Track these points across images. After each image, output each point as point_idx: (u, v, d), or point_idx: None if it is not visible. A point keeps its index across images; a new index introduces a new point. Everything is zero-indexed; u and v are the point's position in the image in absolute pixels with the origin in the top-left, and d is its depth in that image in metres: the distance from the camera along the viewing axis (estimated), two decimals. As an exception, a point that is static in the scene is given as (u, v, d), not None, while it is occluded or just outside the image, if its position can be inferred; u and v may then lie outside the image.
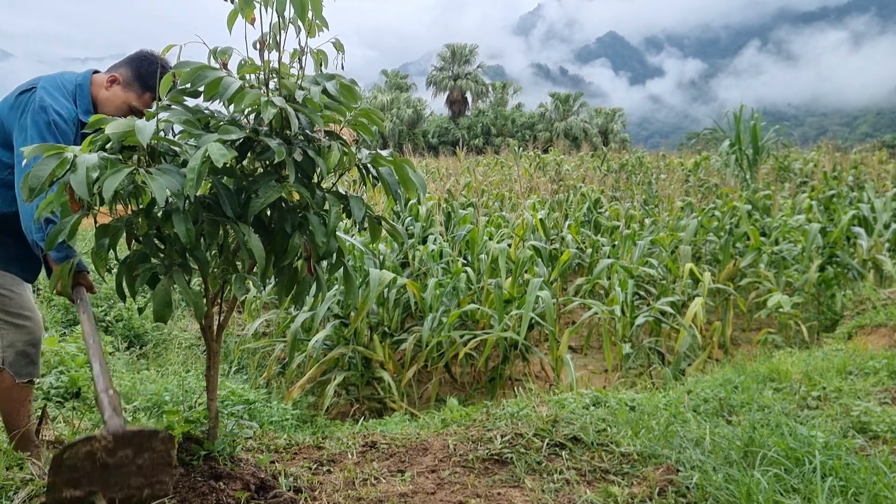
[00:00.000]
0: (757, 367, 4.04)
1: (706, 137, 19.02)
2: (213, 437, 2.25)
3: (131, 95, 2.43)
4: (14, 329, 2.43)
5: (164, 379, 4.19)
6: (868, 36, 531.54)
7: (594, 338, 6.54)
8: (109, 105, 2.43)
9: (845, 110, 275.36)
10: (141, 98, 2.43)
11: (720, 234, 7.86)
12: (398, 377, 5.05)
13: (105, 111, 2.42)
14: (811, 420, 2.95)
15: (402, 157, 2.12)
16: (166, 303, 1.77)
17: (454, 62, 51.45)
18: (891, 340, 4.93)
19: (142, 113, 2.39)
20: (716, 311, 7.01)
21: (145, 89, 2.42)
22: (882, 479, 2.09)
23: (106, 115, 2.24)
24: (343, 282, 2.42)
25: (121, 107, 2.43)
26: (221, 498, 2.05)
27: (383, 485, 2.35)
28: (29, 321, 2.47)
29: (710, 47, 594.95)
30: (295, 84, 1.93)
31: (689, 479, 2.27)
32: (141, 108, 2.42)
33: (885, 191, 9.61)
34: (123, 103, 2.43)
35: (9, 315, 2.43)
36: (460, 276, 5.74)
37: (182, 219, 1.71)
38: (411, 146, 27.46)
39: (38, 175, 1.64)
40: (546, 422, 2.81)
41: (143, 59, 2.45)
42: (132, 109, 2.44)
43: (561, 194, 9.52)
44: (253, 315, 6.58)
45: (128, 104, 2.43)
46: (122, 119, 1.75)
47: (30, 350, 2.47)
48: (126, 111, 2.43)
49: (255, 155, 1.95)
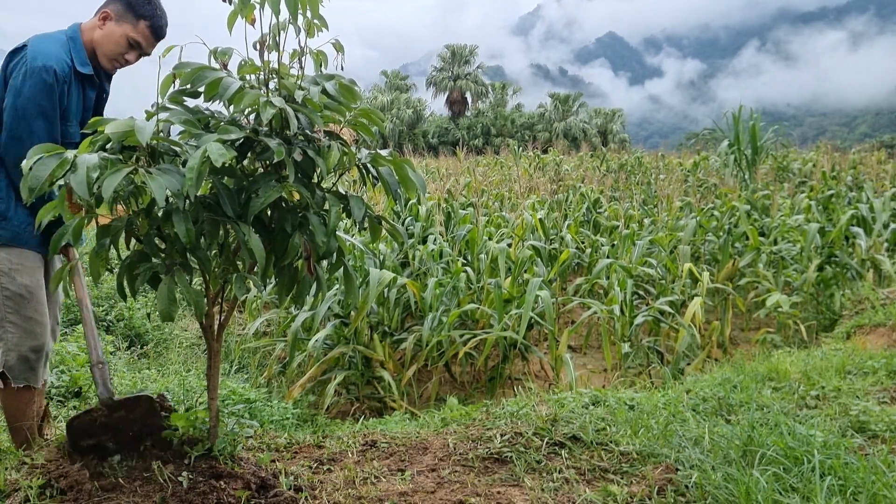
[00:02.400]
0: (756, 367, 4.05)
1: (705, 137, 19.04)
2: (214, 436, 2.26)
3: (127, 27, 2.40)
4: (22, 332, 2.43)
5: (165, 378, 4.20)
6: (867, 36, 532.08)
7: (593, 337, 6.54)
8: (108, 42, 2.40)
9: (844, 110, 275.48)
10: (136, 28, 2.40)
11: (719, 233, 7.87)
12: (398, 376, 5.05)
13: (105, 51, 2.41)
14: (810, 419, 2.96)
15: (402, 157, 2.12)
16: (171, 300, 1.77)
17: (454, 63, 51.45)
18: (889, 340, 4.94)
19: (140, 45, 2.41)
20: (715, 311, 7.02)
21: (139, 18, 2.40)
22: (881, 479, 2.10)
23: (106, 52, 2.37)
24: (343, 281, 2.43)
25: (119, 41, 2.40)
26: (222, 497, 2.06)
27: (383, 483, 2.36)
28: (38, 326, 2.46)
29: (709, 47, 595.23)
30: (294, 84, 1.94)
31: (688, 478, 2.28)
32: (140, 40, 2.41)
33: (884, 191, 9.61)
34: (121, 37, 2.40)
35: (21, 318, 2.42)
36: (460, 276, 5.75)
37: (182, 218, 1.72)
38: (411, 146, 27.49)
39: (38, 175, 1.65)
40: (545, 421, 2.81)
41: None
42: (131, 43, 2.41)
43: (560, 194, 9.52)
44: (253, 314, 6.59)
45: (125, 37, 2.40)
46: (121, 119, 1.76)
47: (31, 356, 2.46)
48: (125, 45, 2.41)
49: (254, 155, 1.95)
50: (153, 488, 2.07)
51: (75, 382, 3.68)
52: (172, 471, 2.12)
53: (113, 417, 2.21)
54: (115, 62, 2.48)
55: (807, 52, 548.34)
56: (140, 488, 2.07)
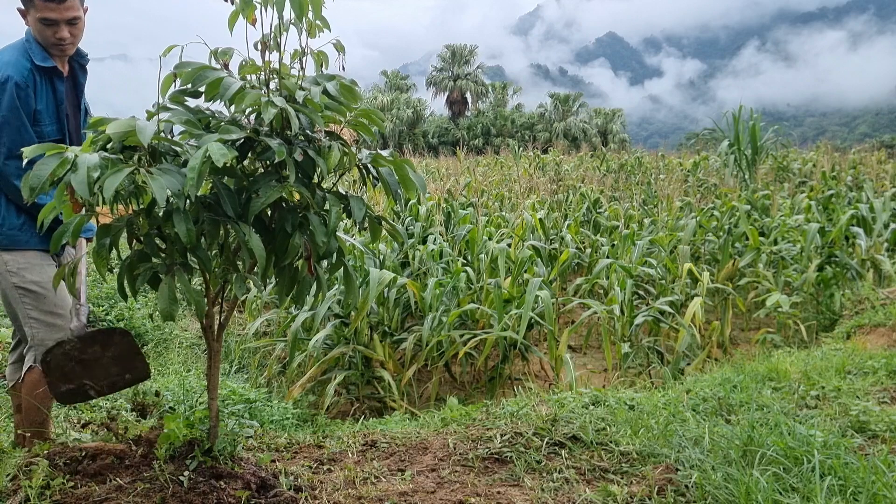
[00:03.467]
0: (756, 367, 4.05)
1: (705, 137, 19.06)
2: (214, 436, 2.25)
3: (33, 12, 2.48)
4: (46, 328, 2.52)
5: (165, 378, 4.20)
6: (866, 36, 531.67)
7: (593, 337, 6.55)
8: (37, 34, 2.51)
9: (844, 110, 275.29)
10: (36, 7, 2.46)
11: (719, 233, 7.87)
12: (398, 376, 5.05)
13: (42, 41, 2.52)
14: (810, 419, 2.96)
15: (402, 157, 2.12)
16: (172, 299, 1.78)
17: (454, 63, 51.45)
18: (889, 340, 4.94)
19: (50, 18, 2.47)
20: (715, 311, 7.02)
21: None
22: (881, 478, 2.10)
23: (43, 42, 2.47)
24: (343, 281, 2.43)
25: (38, 27, 2.49)
26: (222, 497, 2.06)
27: (383, 483, 2.36)
28: (60, 319, 2.55)
29: (708, 47, 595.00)
30: (295, 84, 1.94)
31: (688, 478, 2.28)
32: (48, 15, 2.45)
33: (884, 191, 9.61)
34: (36, 22, 2.48)
35: (42, 314, 2.52)
36: (460, 276, 5.75)
37: (183, 218, 1.72)
38: (411, 146, 27.49)
39: (38, 175, 1.65)
40: (545, 421, 2.81)
41: None
42: (44, 22, 2.47)
43: (560, 194, 9.52)
44: (254, 314, 6.59)
45: (37, 20, 2.48)
46: (122, 119, 1.76)
47: None
48: (43, 27, 2.48)
49: (255, 155, 1.95)
50: (153, 488, 2.07)
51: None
52: (172, 471, 2.13)
53: (88, 353, 2.29)
54: (55, 47, 2.54)
55: (806, 52, 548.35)
56: (140, 488, 2.07)
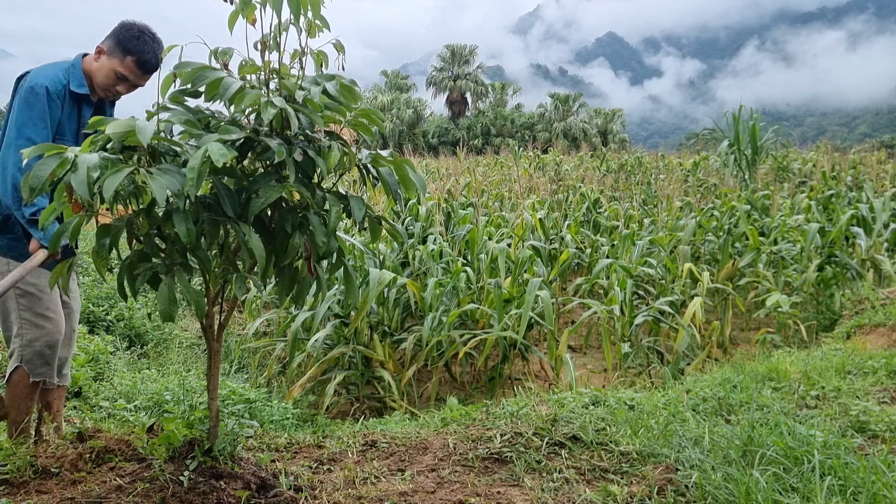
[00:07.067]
0: (756, 367, 4.05)
1: (705, 137, 19.06)
2: (214, 436, 2.25)
3: (115, 62, 2.60)
4: (35, 329, 2.57)
5: (165, 378, 4.20)
6: (866, 36, 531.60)
7: (593, 337, 6.54)
8: (100, 74, 2.63)
9: (844, 110, 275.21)
10: (123, 63, 2.60)
11: (719, 233, 7.87)
12: (398, 376, 5.05)
13: (97, 82, 2.64)
14: (810, 419, 2.96)
15: (402, 157, 2.12)
16: (172, 300, 1.78)
17: (454, 63, 51.43)
18: (889, 340, 4.94)
19: (128, 78, 2.64)
20: (715, 311, 7.02)
21: (126, 54, 2.59)
22: (881, 478, 2.10)
23: (100, 84, 2.57)
24: (343, 281, 2.43)
25: (108, 74, 2.62)
26: (222, 497, 2.06)
27: (383, 483, 2.36)
28: (49, 322, 2.59)
29: (708, 47, 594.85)
30: (295, 84, 1.94)
31: (688, 478, 2.28)
32: (126, 74, 2.61)
33: (884, 191, 9.61)
34: (110, 70, 2.61)
35: (34, 315, 2.56)
36: (460, 276, 5.75)
37: (183, 218, 1.72)
38: (411, 146, 27.49)
39: (38, 175, 1.65)
40: (545, 421, 2.81)
41: (123, 27, 2.63)
42: (119, 76, 2.62)
43: (560, 194, 9.53)
44: (253, 314, 6.58)
45: (113, 70, 2.61)
46: (122, 119, 1.76)
47: (46, 351, 2.59)
48: (114, 78, 2.62)
49: (255, 155, 1.95)
50: (153, 488, 2.07)
51: (75, 382, 3.68)
52: (172, 471, 2.12)
53: None
54: (107, 92, 2.68)
55: (806, 52, 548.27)
56: (140, 488, 2.07)
